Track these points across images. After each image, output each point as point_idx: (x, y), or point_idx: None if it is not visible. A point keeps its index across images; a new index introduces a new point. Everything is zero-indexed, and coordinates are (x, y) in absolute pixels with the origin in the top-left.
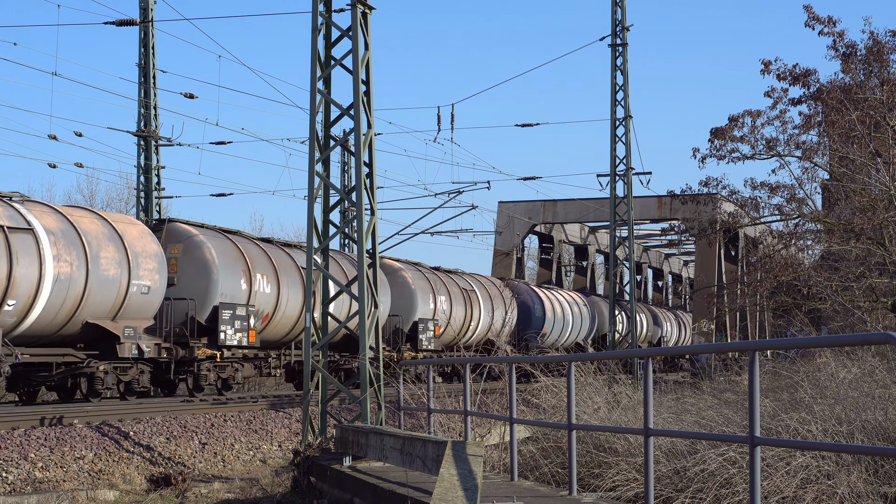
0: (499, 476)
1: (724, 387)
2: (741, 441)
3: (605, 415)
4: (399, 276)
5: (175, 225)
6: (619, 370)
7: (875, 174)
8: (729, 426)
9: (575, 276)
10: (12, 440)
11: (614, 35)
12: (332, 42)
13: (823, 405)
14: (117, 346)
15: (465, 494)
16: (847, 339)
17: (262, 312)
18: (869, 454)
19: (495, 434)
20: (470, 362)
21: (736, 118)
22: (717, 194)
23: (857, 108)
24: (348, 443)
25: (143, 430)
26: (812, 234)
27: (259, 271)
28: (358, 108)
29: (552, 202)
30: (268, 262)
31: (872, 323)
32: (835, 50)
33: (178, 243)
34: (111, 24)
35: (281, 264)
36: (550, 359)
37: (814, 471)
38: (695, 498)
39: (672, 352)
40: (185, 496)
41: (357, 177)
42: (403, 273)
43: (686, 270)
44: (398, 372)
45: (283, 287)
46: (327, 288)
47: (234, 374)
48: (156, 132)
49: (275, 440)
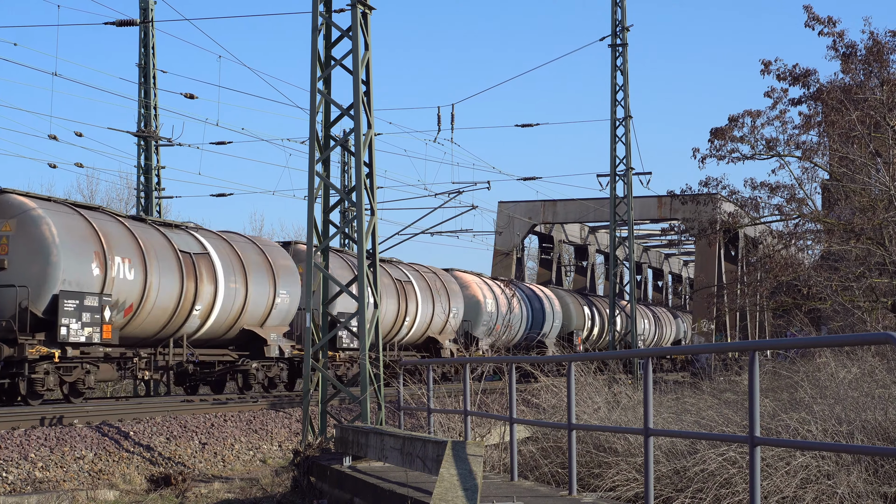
0: (499, 476)
1: (724, 387)
2: (741, 441)
3: (605, 415)
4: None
5: (8, 196)
6: (619, 370)
7: (875, 174)
8: (729, 426)
9: (575, 276)
10: (12, 440)
11: (614, 35)
12: (332, 42)
13: (823, 405)
14: None
15: (465, 494)
16: (847, 339)
17: (122, 303)
18: (869, 454)
19: (495, 434)
20: (470, 362)
21: (736, 118)
22: (717, 194)
23: (857, 108)
24: (348, 443)
25: (143, 429)
26: (812, 234)
27: (120, 254)
28: (358, 108)
29: (552, 202)
30: (133, 244)
31: (872, 323)
32: (835, 50)
33: (10, 218)
34: (111, 24)
35: (152, 247)
36: (550, 359)
37: (814, 471)
38: (695, 498)
39: (672, 351)
40: (185, 496)
41: (357, 177)
42: None
43: (686, 270)
44: (398, 372)
45: (153, 274)
46: (327, 288)
47: (85, 378)
48: (156, 132)
49: (275, 440)
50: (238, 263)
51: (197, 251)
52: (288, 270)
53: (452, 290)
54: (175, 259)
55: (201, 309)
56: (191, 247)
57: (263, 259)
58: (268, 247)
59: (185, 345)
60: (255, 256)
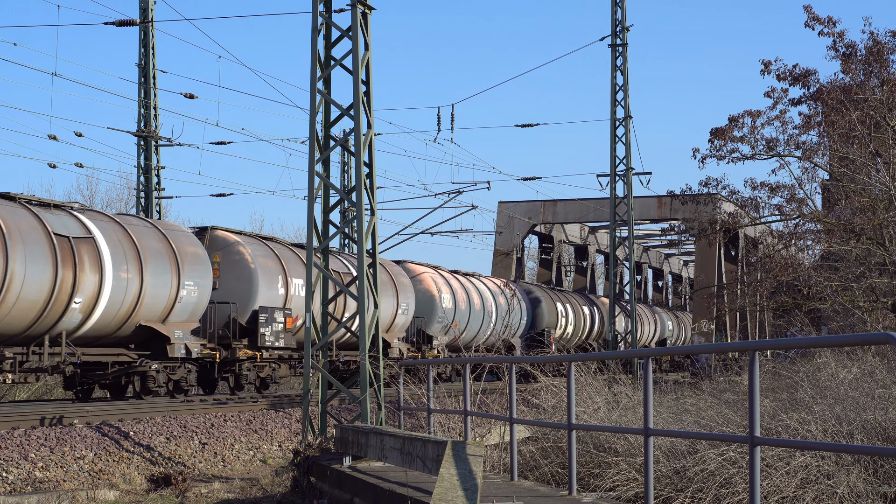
0: (499, 476)
1: (724, 387)
2: (741, 441)
3: (604, 415)
4: (234, 250)
5: None
6: (619, 370)
7: (875, 174)
8: (729, 426)
9: (575, 276)
10: (12, 440)
11: (614, 35)
12: (332, 42)
13: (823, 405)
14: None
15: (465, 494)
16: (847, 339)
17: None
18: (869, 454)
19: (495, 434)
20: (471, 362)
21: (736, 118)
22: (717, 194)
23: (857, 108)
24: (348, 443)
25: (143, 430)
26: (812, 234)
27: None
28: (358, 108)
29: (552, 202)
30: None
31: (872, 323)
32: (835, 50)
33: None
34: (111, 24)
35: (17, 230)
36: (550, 359)
37: (813, 471)
38: (695, 498)
39: (672, 351)
40: (185, 496)
41: (357, 177)
42: (241, 248)
43: (686, 270)
44: (398, 372)
45: (17, 261)
46: (327, 288)
47: None
48: (156, 132)
49: (275, 440)
50: (132, 249)
51: (78, 234)
52: (197, 259)
53: (402, 283)
54: (48, 243)
55: (82, 302)
56: (70, 230)
57: (165, 245)
58: (172, 231)
59: (65, 343)
60: (155, 242)
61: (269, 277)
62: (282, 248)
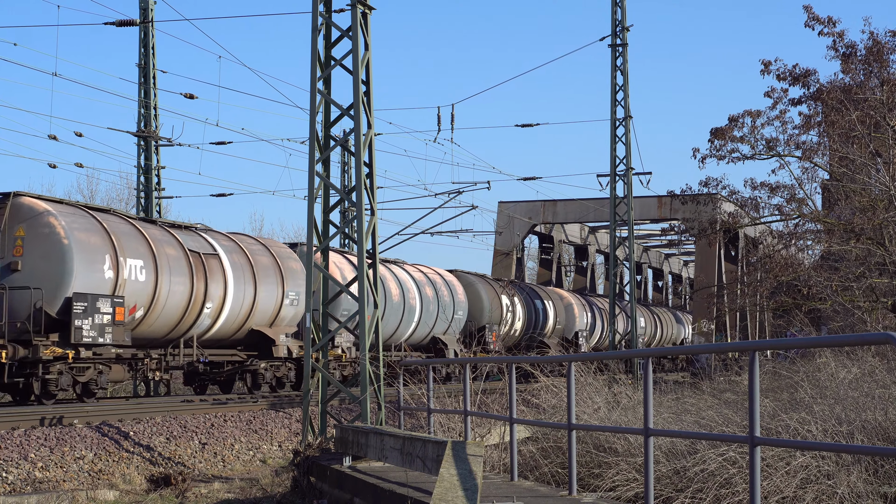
0: (499, 476)
1: (724, 387)
2: (741, 441)
3: (604, 415)
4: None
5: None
6: (620, 370)
7: (875, 174)
8: (729, 426)
9: (575, 276)
10: (12, 440)
11: (614, 35)
12: (332, 42)
13: (823, 405)
14: None
15: (465, 494)
16: (847, 339)
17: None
18: (869, 454)
19: (495, 434)
20: (470, 362)
21: (736, 118)
22: (717, 194)
23: (857, 108)
24: (348, 443)
25: (143, 430)
26: (812, 234)
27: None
28: (358, 108)
29: (552, 202)
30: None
31: (872, 323)
32: (835, 50)
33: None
34: (111, 24)
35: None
36: (550, 359)
37: (814, 471)
38: (695, 498)
39: (672, 351)
40: (185, 496)
41: (357, 177)
42: (52, 219)
43: (686, 270)
44: (398, 372)
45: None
46: (327, 288)
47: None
48: (156, 132)
49: (275, 440)
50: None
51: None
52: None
53: (290, 268)
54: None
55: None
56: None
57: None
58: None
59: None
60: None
61: (91, 256)
62: (117, 222)
